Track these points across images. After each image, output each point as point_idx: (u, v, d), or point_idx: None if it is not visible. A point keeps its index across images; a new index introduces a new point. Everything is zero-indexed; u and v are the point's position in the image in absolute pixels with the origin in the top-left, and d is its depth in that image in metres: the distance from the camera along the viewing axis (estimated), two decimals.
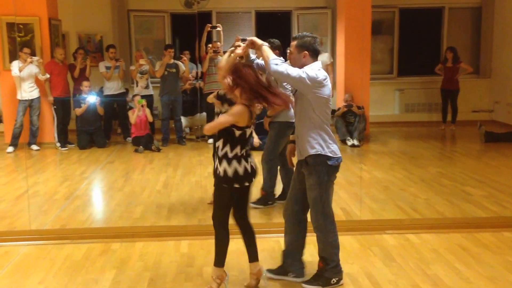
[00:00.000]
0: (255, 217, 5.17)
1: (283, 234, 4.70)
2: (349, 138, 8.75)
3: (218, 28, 9.09)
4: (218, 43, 8.96)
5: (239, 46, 3.75)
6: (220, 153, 3.52)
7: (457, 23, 11.32)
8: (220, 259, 3.64)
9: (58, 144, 8.80)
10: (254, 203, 5.45)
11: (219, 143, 3.54)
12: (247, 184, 3.57)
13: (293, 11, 11.11)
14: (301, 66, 3.58)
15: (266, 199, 5.58)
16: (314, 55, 3.61)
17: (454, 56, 10.12)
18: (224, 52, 9.03)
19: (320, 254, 3.79)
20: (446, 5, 11.17)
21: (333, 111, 9.44)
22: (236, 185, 3.52)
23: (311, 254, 4.16)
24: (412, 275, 3.92)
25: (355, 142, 8.63)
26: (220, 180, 3.52)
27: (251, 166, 3.57)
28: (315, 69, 3.54)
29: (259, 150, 8.25)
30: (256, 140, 8.32)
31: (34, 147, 8.71)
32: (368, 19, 9.08)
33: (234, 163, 3.49)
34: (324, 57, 8.72)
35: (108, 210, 5.72)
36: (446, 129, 10.26)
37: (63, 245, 4.56)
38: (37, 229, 4.89)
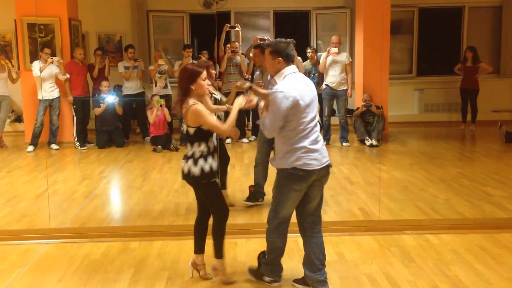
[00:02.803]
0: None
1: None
2: (367, 138, 8.70)
3: (236, 28, 9.11)
4: (236, 43, 8.98)
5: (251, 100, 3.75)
6: None
7: (477, 23, 11.19)
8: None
9: (78, 144, 8.89)
10: (246, 200, 5.59)
11: None
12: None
13: (312, 11, 11.08)
14: (276, 72, 3.58)
15: (256, 196, 5.60)
16: (289, 60, 3.58)
17: (474, 55, 10.01)
18: (242, 54, 9.10)
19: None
20: (466, 4, 11.05)
21: (352, 111, 9.40)
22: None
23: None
24: (431, 276, 3.88)
25: (374, 142, 8.57)
26: None
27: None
28: (286, 84, 3.47)
29: None
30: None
31: (54, 146, 8.81)
32: (387, 19, 9.01)
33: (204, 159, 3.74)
34: (343, 56, 8.67)
35: (126, 209, 5.76)
36: (465, 129, 10.15)
37: (82, 244, 4.60)
38: (56, 228, 4.94)
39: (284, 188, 3.59)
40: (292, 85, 3.45)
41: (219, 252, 3.82)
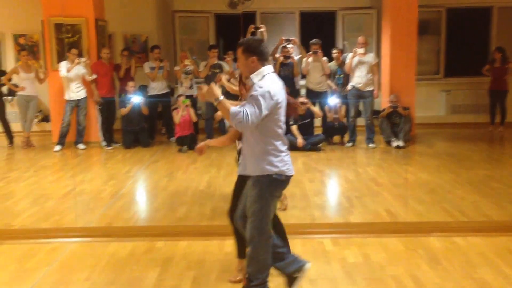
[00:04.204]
0: (298, 217, 5.15)
1: (326, 235, 4.70)
2: (394, 139, 8.61)
3: (261, 29, 9.10)
4: None
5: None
6: None
7: (506, 23, 10.99)
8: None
9: (104, 143, 8.99)
10: None
11: None
12: None
13: (338, 11, 11.03)
14: (250, 71, 3.36)
15: None
16: (263, 59, 3.35)
17: (502, 56, 9.84)
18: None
19: (246, 270, 3.51)
20: (495, 4, 10.87)
21: (378, 112, 9.31)
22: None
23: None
24: (458, 279, 3.81)
25: (400, 143, 8.48)
26: None
27: None
28: (266, 81, 3.29)
29: (302, 150, 8.28)
30: (299, 140, 8.32)
31: (81, 146, 8.92)
32: (415, 19, 8.92)
33: None
34: (369, 57, 8.59)
35: (152, 209, 5.79)
36: (494, 131, 9.98)
37: (109, 243, 4.63)
38: (83, 227, 4.99)
39: (267, 198, 3.34)
40: (274, 86, 3.29)
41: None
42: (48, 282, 3.91)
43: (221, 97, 3.27)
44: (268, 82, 3.29)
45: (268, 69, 3.38)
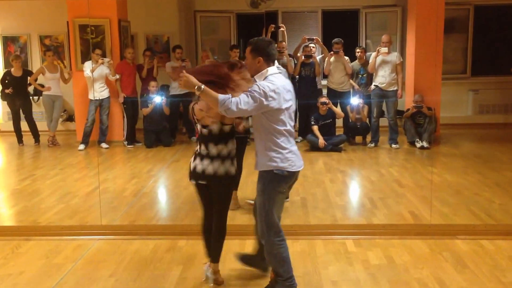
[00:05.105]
0: (319, 218, 5.11)
1: (348, 236, 4.65)
2: (418, 139, 8.48)
3: (281, 29, 9.07)
4: (283, 42, 8.93)
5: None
6: None
7: None
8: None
9: (126, 142, 9.06)
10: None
11: None
12: (195, 181, 3.64)
13: (361, 9, 10.93)
14: (255, 72, 3.41)
15: None
16: (269, 60, 3.39)
17: None
18: (290, 55, 9.06)
19: (269, 265, 3.64)
20: None
21: (401, 112, 9.19)
22: (191, 181, 3.68)
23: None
24: (486, 283, 3.74)
25: (425, 144, 8.35)
26: None
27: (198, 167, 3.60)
28: (268, 81, 3.31)
29: (323, 151, 8.22)
30: (321, 141, 8.27)
31: (104, 145, 9.00)
32: (441, 17, 8.78)
33: (193, 159, 3.67)
34: (393, 56, 8.50)
35: (174, 208, 5.80)
36: None
37: (132, 241, 4.67)
38: (107, 225, 5.03)
39: (269, 191, 3.43)
40: (274, 87, 3.27)
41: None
42: (74, 278, 3.97)
43: (202, 86, 3.25)
44: (268, 82, 3.30)
45: (272, 70, 3.40)
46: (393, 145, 8.54)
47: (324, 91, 9.29)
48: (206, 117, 3.52)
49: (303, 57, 8.95)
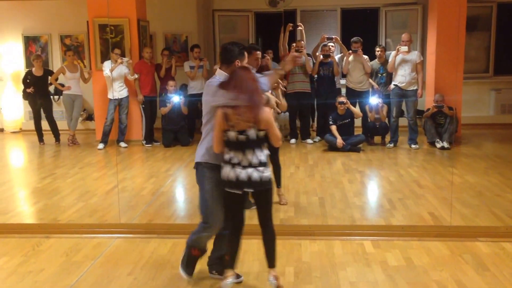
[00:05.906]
0: (337, 218, 5.07)
1: (367, 237, 4.61)
2: (438, 140, 8.38)
3: (300, 27, 9.03)
4: (302, 41, 8.89)
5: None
6: None
7: None
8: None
9: (144, 142, 9.11)
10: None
11: None
12: (240, 191, 3.55)
13: (381, 8, 10.84)
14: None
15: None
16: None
17: None
18: (308, 54, 9.01)
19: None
20: None
21: (421, 112, 9.09)
22: (227, 189, 3.59)
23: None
24: (507, 286, 3.67)
25: (445, 144, 8.25)
26: None
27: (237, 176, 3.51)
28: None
29: (342, 151, 8.17)
30: (339, 141, 8.21)
31: (122, 144, 9.06)
32: (463, 15, 8.65)
33: (224, 167, 3.60)
34: (413, 55, 8.40)
35: (191, 207, 5.80)
36: None
37: (150, 239, 4.69)
38: (126, 223, 5.06)
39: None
40: None
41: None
42: (93, 276, 4.00)
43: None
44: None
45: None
46: (413, 146, 8.45)
47: (343, 91, 9.23)
48: (242, 122, 3.45)
49: (321, 56, 8.90)
